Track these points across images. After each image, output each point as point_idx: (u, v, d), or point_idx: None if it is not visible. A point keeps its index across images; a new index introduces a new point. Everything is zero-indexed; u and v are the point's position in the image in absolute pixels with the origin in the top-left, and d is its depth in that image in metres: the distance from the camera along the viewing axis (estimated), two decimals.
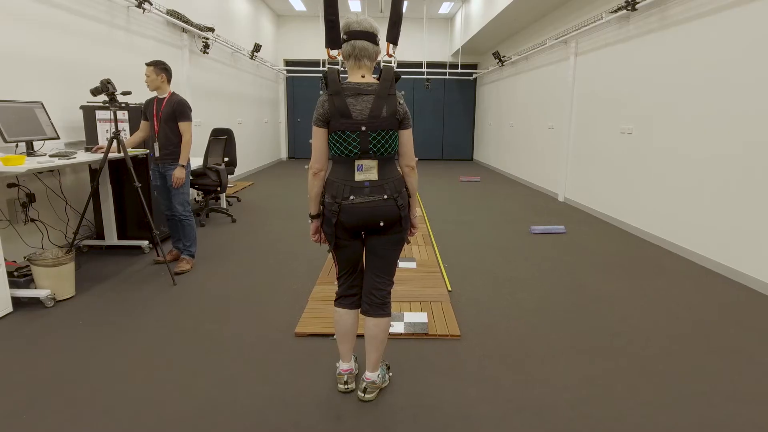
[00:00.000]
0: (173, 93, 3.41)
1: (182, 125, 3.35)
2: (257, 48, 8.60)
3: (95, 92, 3.17)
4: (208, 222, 5.04)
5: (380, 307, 1.86)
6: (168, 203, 3.51)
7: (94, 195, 3.90)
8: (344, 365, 1.96)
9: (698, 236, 3.86)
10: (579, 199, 6.18)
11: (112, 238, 3.88)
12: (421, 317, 2.62)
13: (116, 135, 3.17)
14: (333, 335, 2.42)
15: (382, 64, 1.79)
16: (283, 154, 12.34)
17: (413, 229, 1.92)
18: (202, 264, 3.64)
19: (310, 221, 1.88)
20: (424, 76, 11.24)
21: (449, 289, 3.12)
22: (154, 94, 3.43)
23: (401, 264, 3.38)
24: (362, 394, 1.88)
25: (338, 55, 1.75)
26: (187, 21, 5.92)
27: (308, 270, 3.51)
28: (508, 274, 3.50)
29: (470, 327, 2.57)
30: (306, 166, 1.59)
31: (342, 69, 1.49)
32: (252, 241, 4.38)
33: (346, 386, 1.94)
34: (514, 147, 9.06)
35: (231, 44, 7.70)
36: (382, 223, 1.74)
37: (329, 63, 1.53)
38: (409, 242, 1.93)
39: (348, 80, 1.71)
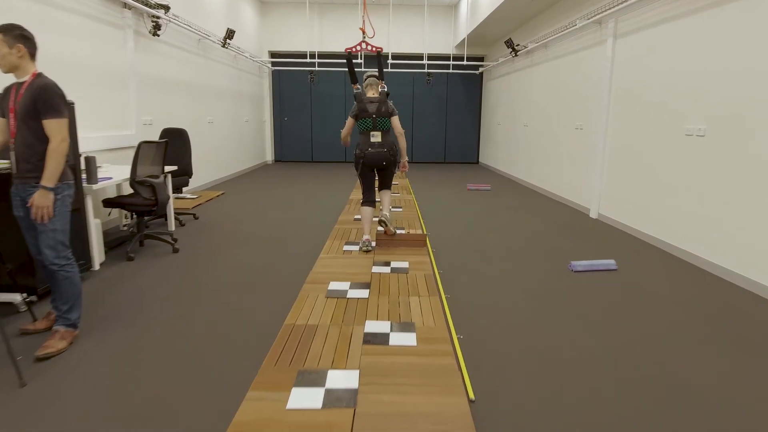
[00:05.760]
0: (39, 74, 2.20)
1: (48, 124, 2.14)
2: (230, 34, 7.36)
3: None
4: (140, 253, 3.80)
5: (388, 188, 4.00)
6: (36, 244, 2.29)
7: None
8: (366, 236, 3.78)
9: None
10: (619, 218, 4.96)
11: None
12: None
13: None
14: None
15: (379, 89, 3.79)
16: (269, 156, 11.13)
17: (404, 168, 3.97)
18: (97, 329, 2.42)
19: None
20: (425, 70, 10.01)
21: (472, 397, 1.89)
22: (11, 77, 2.22)
23: (394, 342, 2.31)
24: (383, 221, 3.89)
25: (357, 86, 3.83)
26: None
27: (257, 337, 2.30)
28: (558, 353, 2.28)
29: None
30: (341, 129, 3.80)
31: (363, 91, 3.58)
32: (190, 284, 3.15)
33: (366, 248, 3.75)
34: (530, 150, 7.84)
35: (196, 28, 6.47)
36: (384, 163, 3.77)
37: (355, 90, 3.73)
38: (402, 172, 4.39)
39: (366, 95, 3.77)
